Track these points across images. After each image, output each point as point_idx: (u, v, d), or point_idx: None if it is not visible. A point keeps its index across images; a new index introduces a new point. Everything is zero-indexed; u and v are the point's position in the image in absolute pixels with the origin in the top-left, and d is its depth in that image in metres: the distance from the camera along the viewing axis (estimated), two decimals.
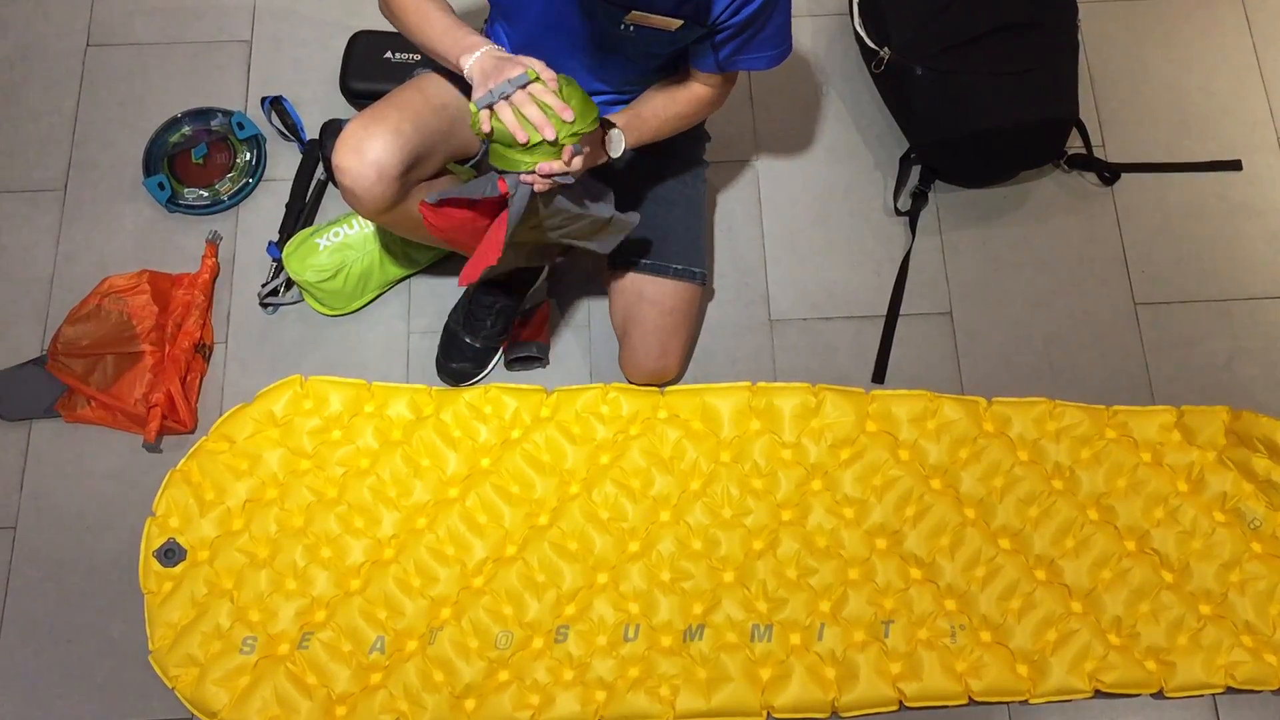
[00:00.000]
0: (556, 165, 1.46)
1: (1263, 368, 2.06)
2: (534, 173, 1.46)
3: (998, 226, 2.16)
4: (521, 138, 1.42)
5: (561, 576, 1.84)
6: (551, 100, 1.43)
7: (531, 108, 1.42)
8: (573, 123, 1.45)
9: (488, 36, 1.74)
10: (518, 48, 1.71)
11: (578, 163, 1.49)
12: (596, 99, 1.76)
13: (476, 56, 1.50)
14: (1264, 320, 2.10)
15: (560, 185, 1.50)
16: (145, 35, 2.24)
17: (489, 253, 1.50)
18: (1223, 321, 2.09)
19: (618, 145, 1.63)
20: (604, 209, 1.64)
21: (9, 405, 1.96)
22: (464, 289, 2.00)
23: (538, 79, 1.44)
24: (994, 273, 2.12)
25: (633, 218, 1.69)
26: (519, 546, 1.86)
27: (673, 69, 1.76)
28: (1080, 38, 2.08)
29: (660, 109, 1.71)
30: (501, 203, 1.49)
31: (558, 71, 1.66)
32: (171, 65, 2.22)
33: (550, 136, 1.42)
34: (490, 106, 1.43)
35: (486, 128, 1.43)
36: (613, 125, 1.63)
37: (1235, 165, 2.20)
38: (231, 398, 1.99)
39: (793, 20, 1.67)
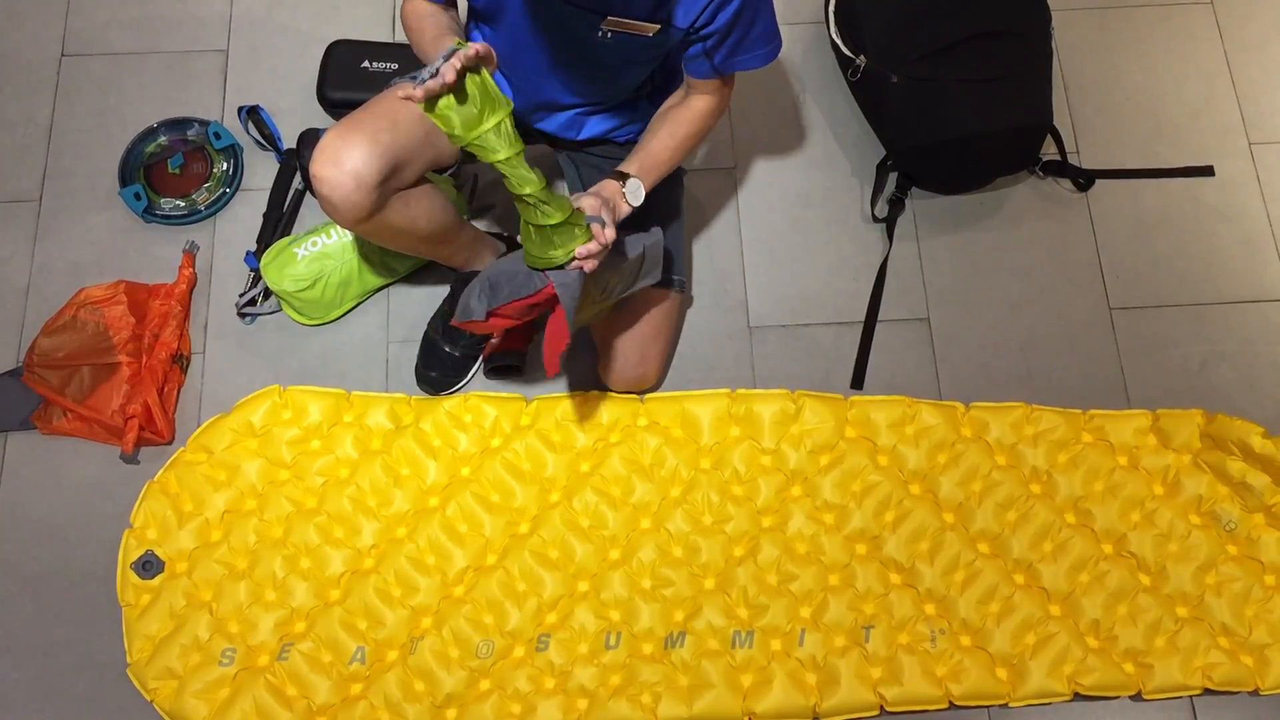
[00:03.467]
0: (593, 246, 1.50)
1: (1237, 371, 2.08)
2: (574, 259, 1.51)
3: (974, 233, 2.17)
4: (419, 94, 1.35)
5: (542, 585, 1.84)
6: (464, 57, 1.36)
7: (451, 74, 1.35)
8: (478, 116, 1.40)
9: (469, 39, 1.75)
10: (498, 56, 1.71)
11: (610, 233, 1.52)
12: (574, 112, 1.76)
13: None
14: (1237, 324, 2.12)
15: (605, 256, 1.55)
16: (121, 45, 2.23)
17: (559, 340, 1.55)
18: (1197, 326, 2.11)
19: (637, 195, 1.63)
20: (634, 244, 1.67)
21: None
22: (445, 298, 2.00)
23: (461, 45, 1.37)
24: (971, 279, 2.14)
25: (654, 234, 1.71)
26: (500, 555, 1.86)
27: (650, 80, 1.77)
28: (1054, 45, 2.10)
29: (667, 139, 1.70)
30: (552, 297, 1.53)
31: (538, 87, 1.67)
32: (147, 75, 2.21)
33: (450, 79, 1.34)
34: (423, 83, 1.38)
35: (418, 96, 1.36)
36: (628, 176, 1.63)
37: (1208, 171, 2.23)
38: (209, 408, 1.98)
39: None
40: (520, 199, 1.47)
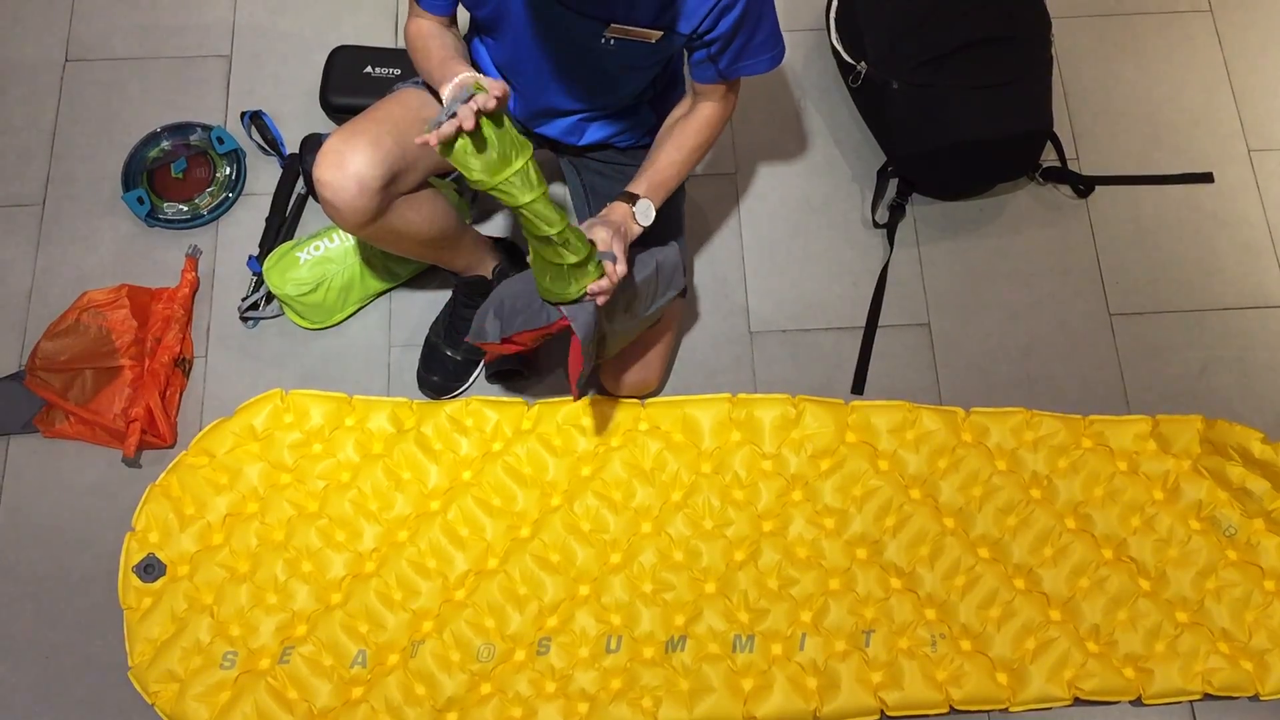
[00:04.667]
0: (604, 283, 1.51)
1: (1236, 377, 2.09)
2: (586, 294, 1.51)
3: (974, 239, 2.18)
4: (433, 140, 1.36)
5: (543, 588, 1.84)
6: (482, 102, 1.37)
7: (470, 121, 1.36)
8: (501, 165, 1.40)
9: (471, 51, 1.75)
10: (500, 65, 1.71)
11: (621, 268, 1.53)
12: (576, 118, 1.77)
13: (452, 84, 1.51)
14: (1236, 330, 2.12)
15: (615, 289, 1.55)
16: (124, 50, 2.24)
17: (577, 366, 1.57)
18: (1196, 331, 2.12)
19: (648, 215, 1.64)
20: (645, 263, 1.68)
21: None
22: (447, 302, 2.00)
23: (480, 90, 1.39)
24: (971, 284, 2.14)
25: (669, 249, 1.71)
26: (500, 559, 1.86)
27: (652, 86, 1.77)
28: (1054, 51, 2.11)
29: (674, 153, 1.69)
30: (567, 328, 1.54)
31: (540, 94, 1.68)
32: (150, 80, 2.22)
33: (469, 126, 1.34)
34: (440, 126, 1.41)
35: (433, 141, 1.36)
36: (637, 196, 1.64)
37: (1207, 178, 2.23)
38: (211, 412, 1.98)
39: None
40: (538, 239, 1.45)
